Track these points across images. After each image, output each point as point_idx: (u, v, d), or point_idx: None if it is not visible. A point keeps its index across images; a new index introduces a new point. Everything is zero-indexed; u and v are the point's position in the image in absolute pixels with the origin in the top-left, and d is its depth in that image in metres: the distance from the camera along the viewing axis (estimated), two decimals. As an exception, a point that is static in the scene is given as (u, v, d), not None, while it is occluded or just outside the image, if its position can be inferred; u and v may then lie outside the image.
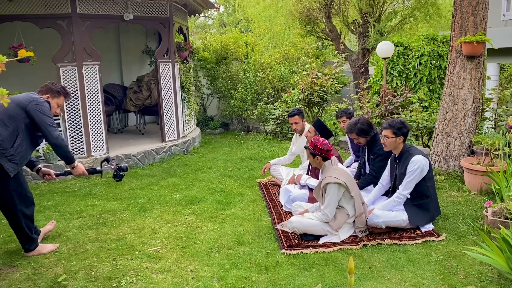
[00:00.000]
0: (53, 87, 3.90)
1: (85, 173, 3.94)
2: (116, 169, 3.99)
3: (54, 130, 3.70)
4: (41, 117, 3.64)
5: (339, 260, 3.64)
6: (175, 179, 6.36)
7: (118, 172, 3.98)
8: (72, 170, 3.90)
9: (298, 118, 5.42)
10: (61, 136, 3.79)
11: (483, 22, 5.15)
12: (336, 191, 3.89)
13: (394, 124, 4.12)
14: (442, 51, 8.87)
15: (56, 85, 3.94)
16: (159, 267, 3.67)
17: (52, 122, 3.70)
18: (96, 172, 3.99)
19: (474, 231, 4.06)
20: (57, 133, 3.73)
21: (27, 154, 3.75)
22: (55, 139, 3.69)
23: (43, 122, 3.64)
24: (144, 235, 4.35)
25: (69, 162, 3.86)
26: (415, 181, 4.03)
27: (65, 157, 3.82)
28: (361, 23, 12.73)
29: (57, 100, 3.91)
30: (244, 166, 6.97)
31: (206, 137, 9.66)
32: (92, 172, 3.98)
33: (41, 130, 3.68)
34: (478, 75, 5.24)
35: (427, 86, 8.78)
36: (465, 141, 5.36)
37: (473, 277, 3.28)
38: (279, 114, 8.62)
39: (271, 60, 10.35)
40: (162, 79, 7.58)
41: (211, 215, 4.82)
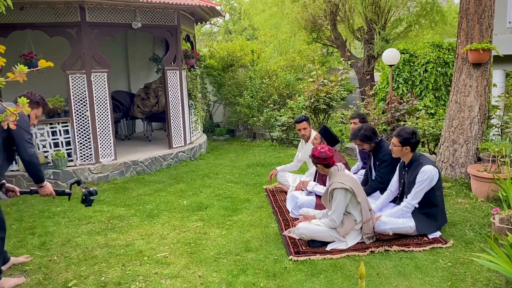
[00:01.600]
0: (32, 97, 3.65)
1: (52, 193, 3.66)
2: (86, 193, 3.69)
3: (30, 147, 3.46)
4: (20, 132, 3.39)
5: (346, 266, 3.65)
6: (182, 185, 6.41)
7: (88, 196, 3.67)
8: (39, 189, 3.62)
9: (306, 124, 5.46)
10: (36, 154, 3.56)
11: (489, 30, 5.18)
12: (343, 196, 3.91)
13: (402, 133, 4.13)
14: (448, 58, 8.89)
15: (35, 95, 3.71)
16: (168, 272, 3.70)
17: (30, 138, 3.47)
18: (65, 194, 3.72)
19: (482, 238, 4.07)
20: (33, 150, 3.49)
21: (2, 170, 3.54)
22: (30, 156, 3.44)
23: (21, 138, 3.40)
24: (152, 241, 4.39)
25: (38, 182, 3.59)
26: (424, 191, 4.03)
27: (37, 176, 3.56)
28: (367, 30, 12.79)
29: (36, 112, 3.68)
30: (251, 173, 7.01)
31: (213, 144, 9.71)
32: (60, 194, 3.70)
33: (16, 145, 3.44)
34: (485, 82, 5.26)
35: (433, 93, 8.79)
36: (471, 148, 5.37)
37: (480, 284, 3.28)
38: (285, 120, 8.66)
39: (276, 67, 10.41)
40: (170, 86, 7.65)
41: (218, 221, 4.86)
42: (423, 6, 13.09)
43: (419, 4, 13.33)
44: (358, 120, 5.49)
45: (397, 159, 4.73)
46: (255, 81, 9.65)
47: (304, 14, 11.87)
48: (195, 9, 7.98)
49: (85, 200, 3.68)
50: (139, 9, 6.92)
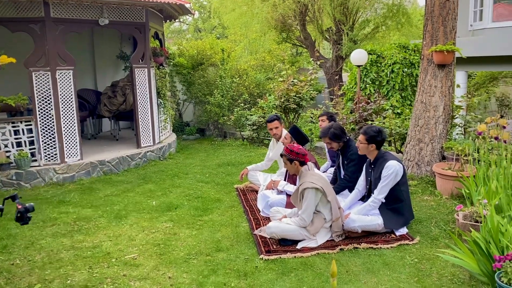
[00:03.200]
0: None
1: None
2: (22, 210, 3.15)
3: None
4: None
5: (316, 264, 3.68)
6: (151, 185, 6.31)
7: (24, 214, 3.12)
8: None
9: (277, 123, 5.48)
10: None
11: (452, 32, 5.34)
12: (313, 196, 3.95)
13: (369, 131, 4.22)
14: (414, 59, 9.12)
15: None
16: (137, 274, 3.63)
17: None
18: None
19: (446, 234, 4.19)
20: None
21: None
22: None
23: None
24: (120, 242, 4.29)
25: None
26: (390, 185, 4.13)
27: None
28: (335, 31, 12.95)
29: None
30: (221, 172, 6.98)
31: (182, 143, 9.61)
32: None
33: None
34: (449, 83, 5.43)
35: (399, 93, 8.99)
36: (436, 147, 5.53)
37: (445, 279, 3.38)
38: (256, 120, 8.67)
39: (247, 66, 10.40)
40: (138, 85, 7.51)
41: (188, 222, 4.80)
42: (390, 8, 13.37)
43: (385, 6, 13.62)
44: (326, 118, 5.56)
45: (364, 159, 4.81)
46: (226, 80, 9.62)
47: (274, 14, 11.89)
48: (164, 6, 7.87)
49: (20, 218, 3.13)
50: (106, 5, 6.76)
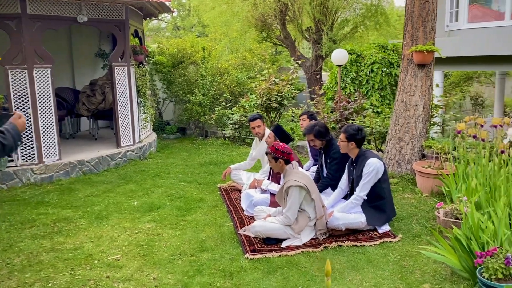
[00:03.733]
0: None
1: None
2: None
3: None
4: None
5: (301, 263, 3.70)
6: (132, 185, 6.22)
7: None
8: None
9: (260, 122, 5.48)
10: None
11: (432, 32, 5.45)
12: (297, 194, 3.96)
13: (348, 130, 4.27)
14: (393, 59, 9.26)
15: None
16: (121, 276, 3.58)
17: None
18: None
19: (428, 231, 4.27)
20: None
21: None
22: None
23: None
24: (102, 244, 4.22)
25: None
26: (371, 183, 4.18)
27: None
28: (315, 30, 13.04)
29: None
30: (203, 171, 6.94)
31: (163, 142, 9.52)
32: None
33: None
34: (428, 82, 5.53)
35: (378, 92, 9.11)
36: (416, 145, 5.62)
37: (428, 275, 3.44)
38: (238, 119, 8.65)
39: (228, 65, 10.37)
40: (117, 83, 7.39)
41: (171, 222, 4.76)
42: (368, 8, 13.55)
43: (364, 6, 13.79)
44: (306, 117, 5.59)
45: (347, 157, 4.86)
46: (207, 78, 9.57)
47: (255, 12, 11.90)
48: (144, 4, 7.77)
49: None
50: (85, 2, 6.62)
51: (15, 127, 2.33)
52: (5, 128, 2.29)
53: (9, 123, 2.35)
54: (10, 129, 2.31)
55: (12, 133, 2.28)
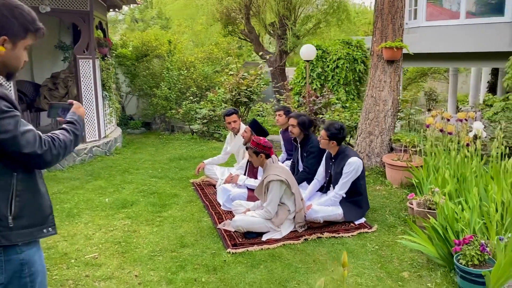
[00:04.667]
0: None
1: None
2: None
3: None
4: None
5: (284, 255, 3.75)
6: (101, 181, 6.06)
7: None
8: None
9: (236, 117, 5.47)
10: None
11: (400, 29, 5.63)
12: (278, 188, 4.00)
13: (331, 128, 4.32)
14: (357, 55, 9.47)
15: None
16: (101, 274, 3.49)
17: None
18: None
19: (401, 221, 4.43)
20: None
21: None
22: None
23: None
24: (77, 242, 4.10)
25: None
26: (351, 181, 4.28)
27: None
28: (279, 25, 13.13)
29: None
30: (174, 167, 6.85)
31: (128, 137, 9.30)
32: None
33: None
34: (397, 78, 5.72)
35: (343, 88, 9.31)
36: (385, 139, 5.81)
37: (406, 264, 3.58)
38: (206, 113, 8.58)
39: (194, 58, 10.26)
40: (82, 76, 7.15)
41: (147, 218, 4.68)
42: (331, 4, 13.78)
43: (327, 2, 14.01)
44: (283, 113, 5.63)
45: (323, 151, 4.96)
46: (173, 72, 9.42)
47: (219, 6, 11.83)
48: (110, -5, 7.55)
49: None
50: (48, -9, 6.35)
51: (80, 117, 2.09)
52: (73, 119, 2.05)
53: (73, 113, 2.06)
54: (78, 119, 2.05)
55: (81, 124, 2.06)
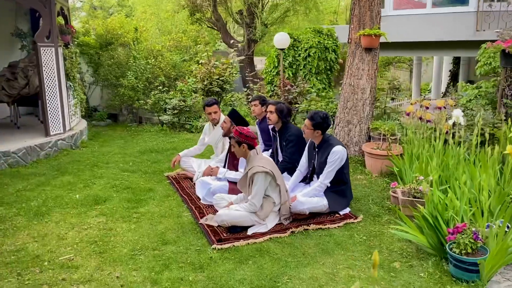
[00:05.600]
0: None
1: None
2: None
3: None
4: None
5: (272, 249, 3.63)
6: (69, 177, 5.72)
7: None
8: None
9: (217, 107, 5.28)
10: None
11: (378, 17, 5.58)
12: (263, 180, 3.87)
13: (316, 118, 4.22)
14: (328, 44, 9.42)
15: None
16: (78, 277, 3.25)
17: None
18: None
19: (385, 210, 4.41)
20: None
21: None
22: None
23: None
24: (49, 243, 3.82)
25: None
26: (335, 170, 4.20)
27: None
28: (247, 13, 12.91)
29: None
30: (146, 160, 6.57)
31: (93, 130, 8.88)
32: None
33: None
34: (374, 66, 5.68)
35: (315, 77, 9.26)
36: (364, 127, 5.78)
37: (396, 254, 3.54)
38: (176, 103, 8.30)
39: (161, 47, 9.89)
40: (44, 66, 6.71)
41: (123, 215, 4.44)
42: (299, -8, 13.69)
43: (295, -9, 13.91)
44: (258, 102, 5.49)
45: (302, 139, 4.87)
46: (140, 61, 9.04)
47: (186, -7, 11.48)
48: (72, -21, 7.09)
49: None
50: (5, -27, 5.88)
51: None
52: None
53: None
54: None
55: None
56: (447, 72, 16.10)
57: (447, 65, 16.18)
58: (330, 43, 9.49)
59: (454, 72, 15.70)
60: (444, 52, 11.49)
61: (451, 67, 15.95)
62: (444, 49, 10.37)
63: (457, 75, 15.35)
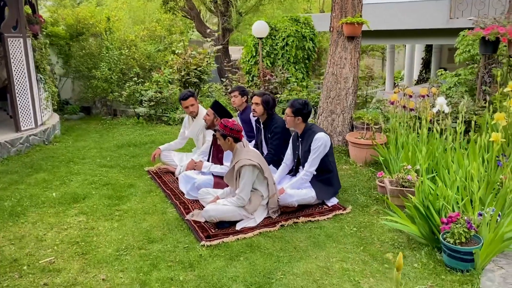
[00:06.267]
0: None
1: None
2: None
3: None
4: None
5: (262, 244, 3.54)
6: (44, 174, 5.47)
7: None
8: None
9: (193, 100, 5.11)
10: None
11: (360, 5, 5.51)
12: (251, 173, 3.77)
13: (295, 104, 4.16)
14: (305, 32, 9.35)
15: None
16: (62, 281, 3.09)
17: None
18: None
19: (373, 200, 4.38)
20: None
21: None
22: None
23: None
24: (27, 245, 3.62)
25: None
26: (320, 157, 4.14)
27: None
28: (221, 2, 12.67)
29: None
30: (124, 154, 6.36)
31: (66, 124, 8.56)
32: None
33: None
34: (357, 55, 5.62)
35: (293, 66, 9.17)
36: (347, 117, 5.74)
37: (387, 245, 3.51)
38: (153, 95, 8.07)
39: (134, 37, 9.58)
40: (12, 58, 6.37)
41: (104, 213, 4.26)
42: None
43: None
44: (238, 93, 5.36)
45: (288, 131, 4.79)
46: (113, 52, 8.73)
47: (158, -19, 11.14)
48: (39, -35, 6.73)
49: None
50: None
51: None
52: None
53: None
54: None
55: None
56: (419, 60, 16.32)
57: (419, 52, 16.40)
58: (308, 31, 9.42)
59: (427, 60, 15.93)
60: (419, 40, 11.62)
61: (423, 55, 16.18)
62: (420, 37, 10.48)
63: (429, 63, 15.59)
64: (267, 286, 2.97)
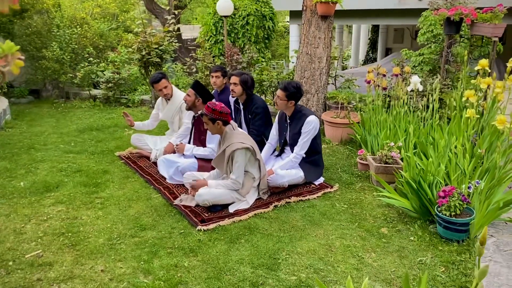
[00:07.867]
0: None
1: None
2: None
3: None
4: None
5: (260, 226, 3.53)
6: (4, 162, 5.07)
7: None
8: None
9: (166, 82, 4.90)
10: None
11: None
12: (243, 156, 3.72)
13: (289, 88, 4.07)
14: (265, 11, 9.26)
15: None
16: (56, 275, 2.90)
17: None
18: None
19: (356, 177, 4.49)
20: None
21: None
22: None
23: None
24: (6, 239, 3.36)
25: None
26: (310, 140, 4.15)
27: None
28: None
29: None
30: (88, 139, 6.03)
31: (14, 108, 7.93)
32: None
33: None
34: (330, 34, 5.65)
35: (254, 46, 9.08)
36: (321, 97, 5.78)
37: (380, 220, 3.62)
38: (110, 76, 7.67)
39: (85, 14, 9.00)
40: (-44, 35, 5.78)
41: (84, 201, 4.03)
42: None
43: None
44: (220, 74, 5.22)
45: (268, 112, 4.77)
46: (64, 30, 8.16)
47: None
48: None
49: None
50: None
51: None
52: None
53: None
54: None
55: None
56: (365, 40, 16.78)
57: (365, 33, 16.86)
58: (267, 10, 9.34)
59: (373, 40, 16.42)
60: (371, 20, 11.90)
61: (370, 35, 16.66)
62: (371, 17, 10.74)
63: (376, 43, 16.09)
64: (275, 266, 2.97)
